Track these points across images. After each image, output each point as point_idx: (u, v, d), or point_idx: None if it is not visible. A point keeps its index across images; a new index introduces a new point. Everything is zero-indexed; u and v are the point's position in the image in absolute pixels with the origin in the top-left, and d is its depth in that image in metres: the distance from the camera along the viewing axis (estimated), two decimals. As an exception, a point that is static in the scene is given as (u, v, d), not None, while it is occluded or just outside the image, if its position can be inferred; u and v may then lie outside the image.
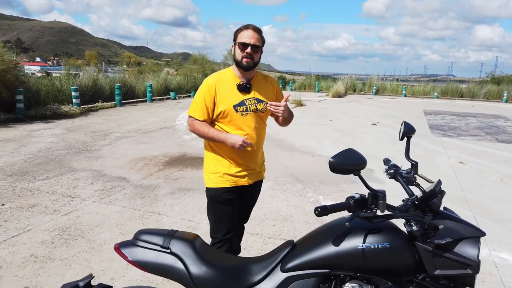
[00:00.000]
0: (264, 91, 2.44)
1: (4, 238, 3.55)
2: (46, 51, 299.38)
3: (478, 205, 4.92)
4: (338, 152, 1.51)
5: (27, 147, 7.11)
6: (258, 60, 2.33)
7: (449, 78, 51.23)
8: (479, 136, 10.63)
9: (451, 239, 1.46)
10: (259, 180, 2.58)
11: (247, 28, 2.28)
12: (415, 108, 18.30)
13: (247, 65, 2.28)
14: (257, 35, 2.27)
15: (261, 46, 2.33)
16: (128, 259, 1.66)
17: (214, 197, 2.41)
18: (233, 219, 2.46)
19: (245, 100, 2.34)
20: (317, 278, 1.58)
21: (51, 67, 68.85)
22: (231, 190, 2.39)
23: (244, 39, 2.25)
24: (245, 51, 2.24)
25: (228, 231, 2.44)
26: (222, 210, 2.42)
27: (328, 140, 9.08)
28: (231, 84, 2.34)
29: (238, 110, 2.32)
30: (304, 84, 30.62)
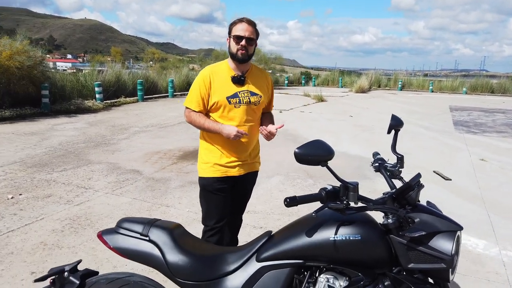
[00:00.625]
0: (258, 84, 2.46)
1: (18, 226, 3.71)
2: (76, 48, 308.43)
3: (494, 203, 4.76)
4: (305, 143, 1.51)
5: (49, 140, 7.37)
6: (252, 52, 2.36)
7: (482, 73, 49.36)
8: (506, 133, 10.24)
9: (425, 233, 1.43)
10: (252, 171, 2.59)
11: (242, 21, 2.31)
12: (441, 103, 17.79)
13: (242, 57, 2.31)
14: (251, 28, 2.30)
15: (256, 38, 2.36)
16: (109, 245, 1.72)
17: (205, 186, 2.47)
18: (224, 209, 2.51)
19: (239, 92, 2.37)
20: (292, 268, 1.59)
21: (81, 64, 70.96)
22: (222, 180, 2.44)
23: (238, 32, 2.28)
24: (240, 43, 2.28)
25: (219, 220, 2.49)
26: (213, 199, 2.47)
27: (345, 136, 8.97)
28: (226, 76, 2.38)
29: (231, 102, 2.35)
30: (327, 80, 30.26)
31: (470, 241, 3.71)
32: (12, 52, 9.71)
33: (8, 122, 9.08)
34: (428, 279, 1.52)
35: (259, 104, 2.45)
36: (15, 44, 10.06)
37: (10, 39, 10.40)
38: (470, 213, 4.43)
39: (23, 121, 9.31)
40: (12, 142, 7.07)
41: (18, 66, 9.69)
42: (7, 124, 8.80)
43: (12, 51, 9.74)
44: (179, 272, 1.62)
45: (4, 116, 9.26)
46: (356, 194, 1.47)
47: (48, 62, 37.36)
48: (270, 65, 27.61)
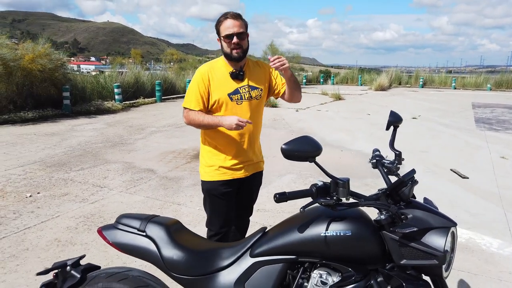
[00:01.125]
0: (257, 77, 2.39)
1: (35, 223, 3.84)
2: (100, 50, 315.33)
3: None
4: (292, 139, 1.51)
5: (68, 140, 7.58)
6: (247, 46, 2.28)
7: (509, 69, 47.72)
8: (530, 129, 9.90)
9: (416, 229, 1.42)
10: (257, 172, 2.52)
11: (226, 18, 2.21)
12: (463, 100, 17.35)
13: (238, 56, 2.24)
14: (238, 21, 2.20)
15: (246, 30, 2.26)
16: (108, 241, 1.77)
17: (210, 190, 2.40)
18: (229, 213, 2.45)
19: (239, 88, 2.31)
20: (284, 264, 1.60)
21: (104, 66, 72.59)
22: (227, 183, 2.37)
23: (226, 30, 2.19)
24: (232, 42, 2.19)
25: (224, 225, 2.44)
26: (218, 204, 2.41)
27: (361, 134, 8.86)
28: (224, 72, 2.31)
29: (233, 99, 2.29)
30: (347, 78, 29.92)
31: (484, 240, 3.62)
32: (34, 55, 10.02)
33: (31, 123, 9.38)
34: (421, 275, 1.51)
35: (260, 98, 2.39)
36: (37, 48, 10.37)
37: (33, 42, 10.73)
38: (486, 212, 4.32)
39: (45, 122, 9.60)
40: (33, 142, 7.31)
41: (40, 69, 9.99)
42: (30, 125, 9.10)
43: (34, 54, 10.05)
44: (174, 267, 1.66)
45: (27, 117, 9.58)
46: (346, 190, 1.47)
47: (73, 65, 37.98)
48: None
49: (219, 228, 2.45)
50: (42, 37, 11.29)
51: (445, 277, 1.48)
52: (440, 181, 5.43)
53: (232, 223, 2.54)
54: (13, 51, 9.95)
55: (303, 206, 1.45)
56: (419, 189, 5.49)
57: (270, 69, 2.48)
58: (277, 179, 5.35)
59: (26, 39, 11.11)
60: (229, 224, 2.50)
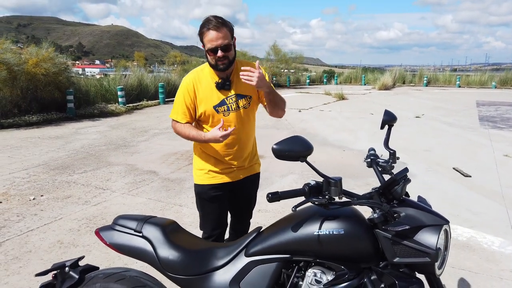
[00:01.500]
0: (245, 84, 2.15)
1: (38, 225, 3.88)
2: (104, 53, 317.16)
3: (515, 200, 4.60)
4: (283, 139, 1.52)
5: (72, 143, 7.64)
6: (234, 54, 2.15)
7: (514, 67, 47.36)
8: (535, 127, 9.84)
9: (409, 227, 1.42)
10: (251, 174, 2.45)
11: (208, 29, 2.05)
12: (467, 99, 17.26)
13: (224, 67, 2.12)
14: (221, 33, 2.04)
15: (231, 38, 2.12)
16: (105, 241, 1.79)
17: (200, 193, 2.38)
18: (221, 216, 2.43)
19: (226, 99, 2.20)
20: (279, 263, 1.61)
21: (108, 69, 73.05)
22: (217, 187, 2.33)
23: (210, 43, 2.06)
24: (217, 55, 2.07)
25: (215, 227, 2.42)
26: (208, 207, 2.39)
27: (363, 134, 8.85)
28: (210, 83, 2.20)
29: (219, 111, 2.20)
30: (350, 77, 29.86)
31: (485, 238, 3.61)
32: (38, 59, 10.11)
33: (35, 126, 9.46)
34: (414, 273, 1.51)
35: (249, 106, 2.28)
36: (41, 52, 10.47)
37: (37, 47, 10.83)
38: (488, 210, 4.30)
39: (49, 125, 9.69)
40: (37, 145, 7.37)
41: (44, 73, 10.08)
42: (34, 129, 9.18)
43: (38, 58, 10.14)
44: (169, 267, 1.67)
45: (31, 121, 9.67)
46: (338, 189, 1.48)
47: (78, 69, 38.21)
48: (291, 64, 27.51)
49: (210, 230, 2.43)
50: (46, 41, 11.39)
51: (438, 274, 1.49)
52: (443, 180, 5.41)
53: (225, 226, 2.50)
54: (17, 56, 10.06)
55: (295, 205, 1.46)
56: (421, 188, 5.49)
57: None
58: (279, 179, 5.36)
59: (31, 44, 11.21)
60: (221, 227, 2.46)
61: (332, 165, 6.15)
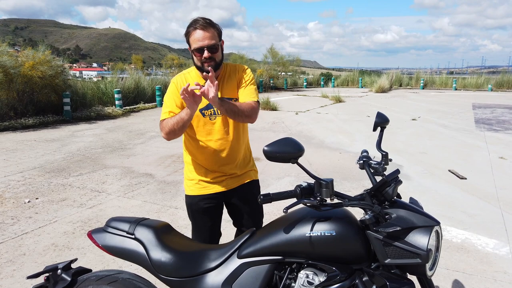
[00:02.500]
0: (232, 86, 2.14)
1: (32, 228, 3.86)
2: (102, 56, 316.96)
3: (509, 202, 4.62)
4: (274, 140, 1.52)
5: (68, 146, 7.62)
6: (221, 57, 2.08)
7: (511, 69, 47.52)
8: (530, 129, 9.89)
9: (400, 228, 1.43)
10: (245, 182, 2.31)
11: (195, 29, 1.98)
12: (463, 101, 17.34)
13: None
14: (208, 32, 1.98)
15: (219, 39, 2.04)
16: (98, 244, 1.79)
17: (191, 205, 2.26)
18: (213, 229, 2.32)
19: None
20: (271, 264, 1.61)
21: (106, 72, 73.00)
22: (209, 198, 2.21)
23: (196, 43, 1.98)
24: (203, 56, 1.99)
25: (207, 240, 2.29)
26: (200, 219, 2.28)
27: (360, 136, 8.87)
28: None
29: (205, 114, 2.11)
30: (347, 80, 29.96)
31: (480, 240, 3.62)
32: (34, 62, 10.10)
33: (32, 129, 9.44)
34: (406, 274, 1.52)
35: None
36: (37, 55, 10.45)
37: (33, 49, 10.82)
38: (483, 212, 4.31)
39: (45, 128, 9.66)
40: (33, 148, 7.35)
41: (41, 76, 10.07)
42: (31, 132, 9.16)
43: (34, 61, 10.13)
44: (162, 269, 1.67)
45: (27, 124, 9.64)
46: (329, 190, 1.48)
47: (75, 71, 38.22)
48: (288, 67, 27.58)
49: (202, 240, 2.31)
50: (42, 44, 11.38)
51: (429, 276, 1.49)
52: (438, 182, 5.42)
53: (218, 237, 2.40)
54: (14, 58, 10.04)
55: (286, 206, 1.46)
56: (417, 190, 5.49)
57: (243, 73, 2.21)
58: (275, 182, 5.36)
59: (28, 47, 11.20)
60: (214, 239, 2.35)
61: (329, 168, 6.15)
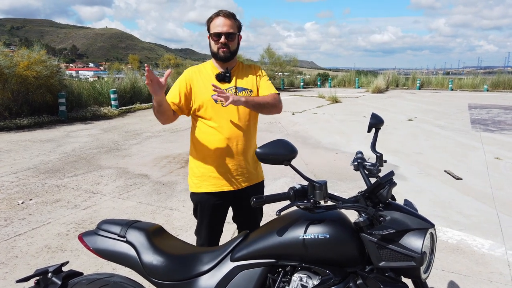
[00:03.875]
0: (247, 78, 2.25)
1: (25, 230, 3.82)
2: (98, 56, 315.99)
3: (504, 202, 4.62)
4: (267, 142, 1.50)
5: (63, 146, 7.58)
6: (236, 47, 2.19)
7: (506, 70, 47.78)
8: (525, 130, 9.92)
9: (394, 230, 1.41)
10: (253, 184, 2.30)
11: (218, 15, 2.12)
12: (459, 102, 17.38)
13: (224, 56, 2.14)
14: (229, 21, 2.11)
15: (237, 31, 2.16)
16: (89, 247, 1.76)
17: (200, 202, 2.26)
18: (218, 226, 2.35)
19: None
20: (264, 268, 1.59)
21: (102, 72, 72.73)
22: (217, 195, 2.22)
23: (216, 28, 2.10)
24: (220, 41, 2.11)
25: (212, 236, 2.33)
26: (208, 217, 2.28)
27: (356, 137, 8.87)
28: (210, 75, 2.21)
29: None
30: (344, 80, 29.97)
31: (475, 241, 3.62)
32: (29, 62, 10.03)
33: (26, 130, 9.37)
34: (400, 277, 1.50)
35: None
36: (32, 55, 10.39)
37: (28, 49, 10.75)
38: (479, 213, 4.31)
39: (40, 128, 9.60)
40: (28, 149, 7.30)
41: (36, 76, 10.01)
42: (25, 132, 9.09)
43: (29, 61, 10.06)
44: (153, 272, 1.65)
45: (22, 124, 9.58)
46: (323, 193, 1.46)
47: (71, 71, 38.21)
48: (285, 67, 27.56)
49: (205, 239, 2.35)
50: (38, 43, 11.31)
51: (424, 278, 1.48)
52: (434, 183, 5.42)
53: (220, 235, 2.42)
54: (9, 58, 9.97)
55: (279, 209, 1.44)
56: (413, 190, 5.47)
57: (260, 71, 2.34)
58: (271, 182, 5.34)
59: (23, 46, 11.12)
60: (217, 235, 2.39)
61: (325, 168, 6.14)
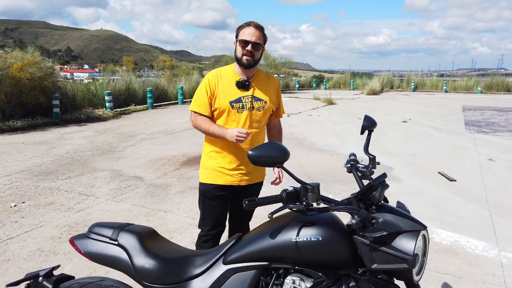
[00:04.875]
0: (264, 89, 2.41)
1: (18, 233, 3.79)
2: (93, 58, 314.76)
3: (498, 204, 4.65)
4: (259, 145, 1.50)
5: (57, 149, 7.52)
6: (259, 58, 2.32)
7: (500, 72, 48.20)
8: (519, 131, 9.99)
9: (386, 233, 1.41)
10: (255, 183, 2.53)
11: (249, 25, 2.26)
12: (453, 103, 17.49)
13: (247, 63, 2.27)
14: (258, 32, 2.26)
15: (263, 44, 2.32)
16: (80, 250, 1.74)
17: (204, 192, 2.45)
18: (220, 216, 2.50)
19: (242, 97, 2.33)
20: (257, 270, 1.58)
21: (97, 74, 72.43)
22: (221, 187, 2.40)
23: (245, 36, 2.24)
24: (246, 48, 2.24)
25: (214, 227, 2.49)
26: (210, 205, 2.46)
27: (351, 138, 8.89)
28: (231, 80, 2.34)
29: (234, 107, 2.31)
30: (339, 82, 30.08)
31: (469, 242, 3.63)
32: (23, 63, 9.97)
33: (20, 132, 9.30)
34: (393, 279, 1.50)
35: (263, 110, 2.39)
36: (26, 56, 10.32)
37: (22, 51, 10.68)
38: (472, 214, 4.33)
39: (34, 131, 9.53)
40: (21, 151, 7.25)
41: (29, 77, 9.94)
42: (18, 134, 9.03)
43: (23, 62, 10.00)
44: (145, 275, 1.63)
45: (15, 126, 9.50)
46: (315, 195, 1.46)
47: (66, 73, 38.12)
48: (280, 69, 27.60)
49: (208, 229, 2.50)
50: (32, 45, 11.25)
51: (416, 281, 1.48)
52: (428, 184, 5.44)
53: (223, 228, 2.57)
54: (2, 60, 9.90)
55: (271, 212, 1.44)
56: (407, 192, 5.49)
57: (278, 88, 2.55)
58: (265, 184, 5.31)
59: (14, 48, 11.05)
60: (219, 227, 2.53)
61: (320, 170, 6.15)
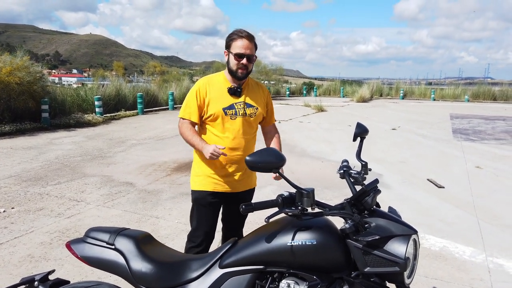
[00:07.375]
0: (255, 96, 2.44)
1: (7, 239, 3.75)
2: (82, 63, 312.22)
3: (485, 210, 4.74)
4: (256, 151, 1.54)
5: (46, 154, 7.45)
6: (252, 67, 2.36)
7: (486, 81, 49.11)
8: (504, 140, 10.20)
9: (378, 237, 1.45)
10: (247, 190, 2.54)
11: (241, 37, 2.26)
12: (441, 112, 17.78)
13: (242, 76, 2.30)
14: (251, 44, 2.28)
15: (255, 53, 2.35)
16: (77, 254, 1.75)
17: (197, 199, 2.44)
18: (212, 225, 2.49)
19: (235, 104, 2.35)
20: (253, 274, 1.61)
21: (86, 79, 71.86)
22: (214, 194, 2.41)
23: (239, 49, 2.24)
24: (241, 62, 2.25)
25: (206, 237, 2.47)
26: (204, 213, 2.45)
27: (341, 145, 8.99)
28: (222, 87, 2.36)
29: (228, 113, 2.33)
30: (329, 90, 30.35)
31: (457, 248, 3.70)
32: (12, 68, 9.87)
33: (8, 137, 9.19)
34: (385, 283, 1.54)
35: (255, 116, 2.43)
36: (15, 60, 10.23)
37: (11, 55, 10.58)
38: (460, 221, 4.41)
39: (22, 136, 9.43)
40: (9, 156, 7.16)
41: (18, 82, 9.84)
42: (6, 139, 8.91)
43: (12, 67, 9.91)
44: (142, 279, 1.65)
45: (3, 131, 9.39)
46: (310, 200, 1.50)
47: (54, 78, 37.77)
48: (271, 76, 27.76)
49: (200, 240, 2.47)
50: (21, 49, 11.15)
51: (407, 284, 1.52)
52: (417, 191, 5.53)
53: (212, 239, 2.55)
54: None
55: (267, 216, 1.47)
56: (396, 199, 5.56)
57: (268, 95, 2.58)
58: (257, 190, 5.29)
59: (5, 52, 10.93)
60: (210, 237, 2.52)
61: (311, 176, 6.20)
